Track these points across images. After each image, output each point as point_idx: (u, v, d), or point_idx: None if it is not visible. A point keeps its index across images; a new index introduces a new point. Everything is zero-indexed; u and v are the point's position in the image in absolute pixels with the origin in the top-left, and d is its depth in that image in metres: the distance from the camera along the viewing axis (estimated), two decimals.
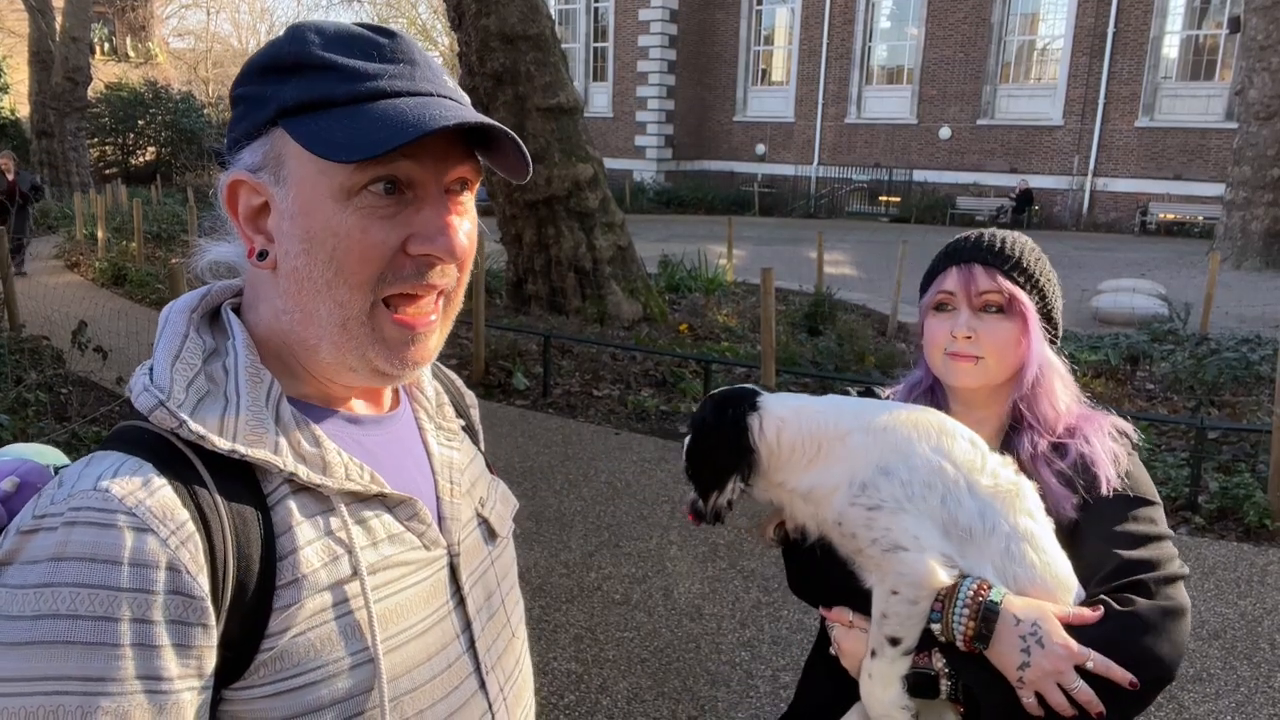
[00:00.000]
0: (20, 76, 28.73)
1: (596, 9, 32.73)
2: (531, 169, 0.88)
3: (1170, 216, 24.21)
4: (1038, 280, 1.46)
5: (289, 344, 0.87)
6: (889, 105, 28.98)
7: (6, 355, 6.60)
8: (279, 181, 0.83)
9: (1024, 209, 25.37)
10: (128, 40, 38.71)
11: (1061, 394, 1.45)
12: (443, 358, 0.99)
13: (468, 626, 0.94)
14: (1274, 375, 5.52)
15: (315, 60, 0.81)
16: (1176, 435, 6.51)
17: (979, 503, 1.25)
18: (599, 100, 32.77)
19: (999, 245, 1.45)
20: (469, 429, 1.12)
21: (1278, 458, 5.12)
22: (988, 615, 1.19)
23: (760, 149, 31.56)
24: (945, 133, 27.85)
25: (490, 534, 1.03)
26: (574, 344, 8.85)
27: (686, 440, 1.40)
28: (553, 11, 19.14)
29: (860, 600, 1.28)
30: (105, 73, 34.20)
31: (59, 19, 25.57)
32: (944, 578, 1.21)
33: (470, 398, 1.18)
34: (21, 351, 7.12)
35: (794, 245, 18.97)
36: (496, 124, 0.83)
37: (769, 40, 31.85)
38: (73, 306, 10.12)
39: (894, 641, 1.24)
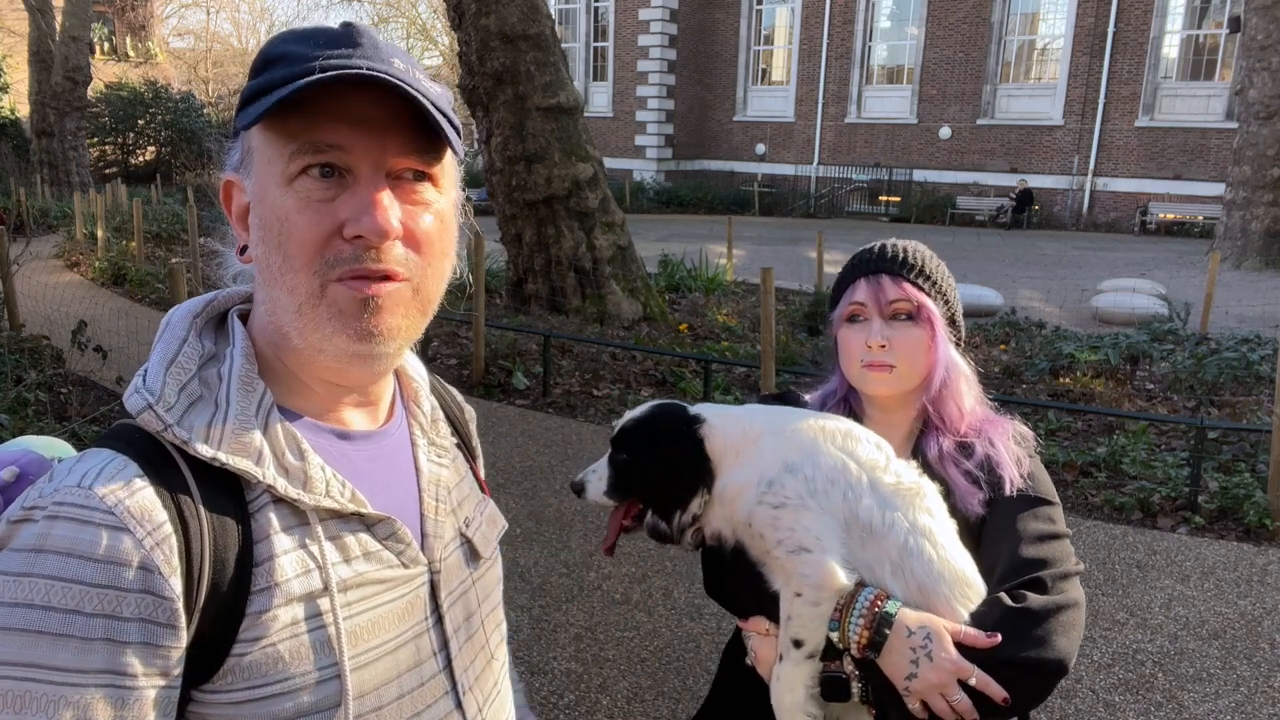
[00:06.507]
0: (20, 76, 28.71)
1: (596, 9, 32.73)
2: (460, 147, 0.88)
3: (1170, 216, 24.22)
4: (941, 286, 1.52)
5: (274, 341, 0.88)
6: (889, 105, 28.98)
7: (6, 355, 6.60)
8: (249, 175, 0.85)
9: (1024, 209, 25.38)
10: (128, 40, 38.68)
11: (966, 395, 1.51)
12: (442, 357, 0.98)
13: (445, 645, 0.94)
14: (1274, 375, 5.51)
15: (274, 55, 0.83)
16: (1176, 435, 6.51)
17: (880, 499, 1.29)
18: (599, 100, 32.77)
19: (903, 255, 1.51)
20: (465, 445, 1.11)
21: (1278, 457, 5.12)
22: (882, 624, 1.23)
23: (760, 149, 31.56)
24: (945, 132, 27.85)
25: (473, 555, 1.02)
26: (574, 343, 8.85)
27: (623, 468, 1.41)
28: (553, 11, 19.13)
29: (771, 607, 1.32)
30: (105, 72, 34.20)
31: (59, 18, 25.59)
32: (845, 580, 1.25)
33: (470, 413, 1.17)
34: (21, 351, 7.12)
35: (794, 245, 18.98)
36: (383, 76, 0.79)
37: (769, 40, 31.85)
38: (73, 306, 10.12)
39: (798, 644, 1.27)
